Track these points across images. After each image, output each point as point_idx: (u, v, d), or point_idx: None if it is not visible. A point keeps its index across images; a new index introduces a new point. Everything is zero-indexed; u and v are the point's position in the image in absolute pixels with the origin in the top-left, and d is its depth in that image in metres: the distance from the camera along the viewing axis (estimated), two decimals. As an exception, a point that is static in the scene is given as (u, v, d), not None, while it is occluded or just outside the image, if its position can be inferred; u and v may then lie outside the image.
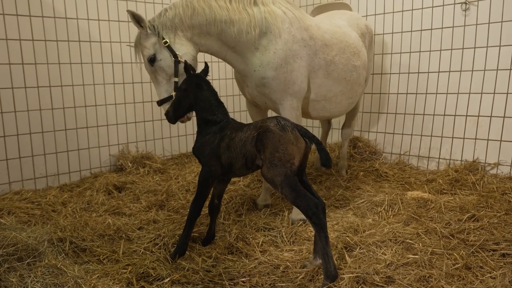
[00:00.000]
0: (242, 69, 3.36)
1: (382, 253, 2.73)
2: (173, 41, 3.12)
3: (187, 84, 2.88)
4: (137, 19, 3.08)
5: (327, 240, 2.35)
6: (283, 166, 2.37)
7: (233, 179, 4.32)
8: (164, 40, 3.08)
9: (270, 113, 4.14)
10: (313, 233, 3.09)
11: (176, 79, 3.12)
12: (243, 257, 2.80)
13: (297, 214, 3.35)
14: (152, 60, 3.11)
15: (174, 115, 2.94)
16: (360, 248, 2.82)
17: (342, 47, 3.62)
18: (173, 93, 3.09)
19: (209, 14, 3.13)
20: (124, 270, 2.58)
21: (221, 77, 5.74)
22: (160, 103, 3.17)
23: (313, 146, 2.46)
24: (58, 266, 2.46)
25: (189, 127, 5.56)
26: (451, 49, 4.35)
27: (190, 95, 2.87)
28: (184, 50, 3.14)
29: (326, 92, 3.59)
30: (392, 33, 4.79)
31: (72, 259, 2.75)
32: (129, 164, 4.78)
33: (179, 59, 3.08)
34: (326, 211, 3.08)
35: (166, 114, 2.99)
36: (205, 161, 2.78)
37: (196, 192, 2.79)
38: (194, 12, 3.12)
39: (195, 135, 2.93)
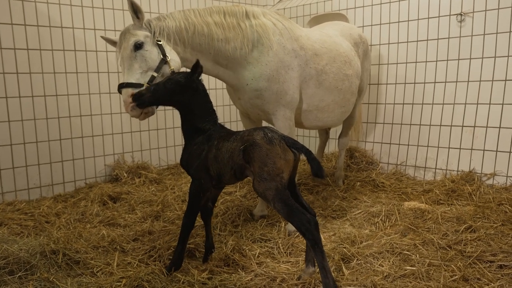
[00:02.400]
0: (235, 84, 3.35)
1: (379, 265, 2.70)
2: (165, 45, 3.01)
3: (187, 82, 2.66)
4: (135, 9, 2.93)
5: (323, 254, 2.29)
6: (273, 180, 2.33)
7: (229, 189, 4.30)
8: (157, 39, 2.98)
9: (264, 123, 4.14)
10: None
11: (155, 74, 2.92)
12: (239, 269, 2.76)
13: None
14: (137, 47, 2.90)
15: (150, 100, 2.66)
16: (357, 259, 2.80)
17: (333, 56, 3.64)
18: (145, 85, 2.87)
19: (207, 33, 3.09)
20: (118, 283, 2.53)
21: (216, 87, 5.74)
22: (125, 85, 2.89)
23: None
24: (51, 279, 2.42)
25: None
26: (447, 60, 4.37)
27: (185, 94, 2.67)
28: (173, 57, 3.03)
29: (318, 102, 3.59)
30: (389, 43, 4.82)
31: (65, 272, 2.70)
32: (125, 174, 4.75)
33: (167, 60, 2.97)
34: (323, 222, 3.05)
35: (139, 95, 2.66)
36: (194, 174, 2.69)
37: (187, 206, 2.72)
38: (195, 31, 3.07)
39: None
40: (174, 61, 3.03)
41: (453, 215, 3.43)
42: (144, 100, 2.66)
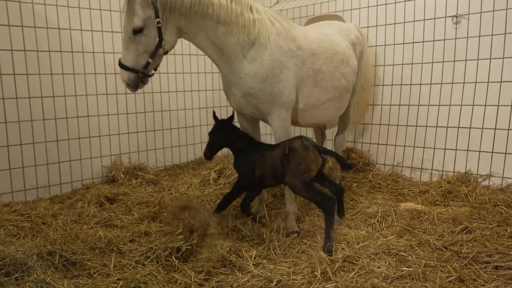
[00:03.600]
0: (228, 74, 3.32)
1: (377, 267, 2.71)
2: (165, 26, 3.05)
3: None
4: None
5: (332, 224, 2.98)
6: (303, 176, 3.05)
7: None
8: (157, 20, 2.99)
9: (262, 125, 4.15)
10: (308, 244, 3.07)
11: (151, 60, 3.09)
12: (236, 271, 2.76)
13: (291, 227, 3.34)
14: (137, 32, 2.99)
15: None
16: (354, 260, 2.81)
17: (329, 55, 3.64)
18: (140, 71, 3.08)
19: (210, 14, 3.08)
20: (115, 285, 2.53)
21: (213, 88, 5.75)
22: (123, 67, 3.08)
23: None
24: (47, 281, 2.42)
25: (182, 138, 5.54)
26: (443, 62, 4.39)
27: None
28: (169, 39, 3.10)
29: (315, 101, 3.59)
30: (385, 45, 4.83)
31: (61, 273, 2.69)
32: (122, 175, 4.74)
33: (162, 45, 3.06)
34: (319, 222, 3.08)
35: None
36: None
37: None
38: (200, 8, 3.05)
39: (187, 146, 3.00)
40: (169, 43, 3.12)
41: (449, 216, 3.44)
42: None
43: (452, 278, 2.53)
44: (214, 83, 5.81)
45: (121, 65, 3.09)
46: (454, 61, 4.30)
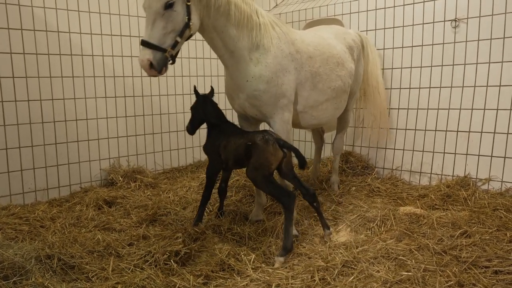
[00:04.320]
0: (236, 77, 3.36)
1: (376, 271, 2.70)
2: (192, 8, 2.97)
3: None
4: None
5: (291, 221, 3.05)
6: (261, 169, 3.06)
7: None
8: (190, 4, 2.93)
9: (263, 125, 4.15)
10: (306, 248, 3.06)
11: (179, 39, 2.94)
12: (234, 274, 2.76)
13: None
14: (168, 6, 2.84)
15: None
16: (353, 265, 2.80)
17: (325, 58, 3.70)
18: (168, 50, 2.91)
19: (231, 11, 3.10)
20: (113, 288, 2.53)
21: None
22: (146, 45, 2.88)
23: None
24: (46, 284, 2.41)
25: (181, 142, 5.53)
26: (442, 65, 4.40)
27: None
28: (195, 22, 3.01)
29: (313, 103, 3.66)
30: (384, 49, 4.84)
31: (60, 276, 2.68)
32: (120, 178, 4.73)
33: (190, 25, 2.96)
34: (318, 226, 3.07)
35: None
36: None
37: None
38: (221, 7, 3.07)
39: (186, 149, 3.03)
40: (195, 26, 3.03)
41: (448, 220, 3.44)
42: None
43: (452, 282, 2.52)
44: (213, 86, 5.80)
45: (146, 43, 2.87)
46: (453, 65, 4.31)
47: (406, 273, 2.65)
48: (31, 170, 4.34)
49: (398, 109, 4.80)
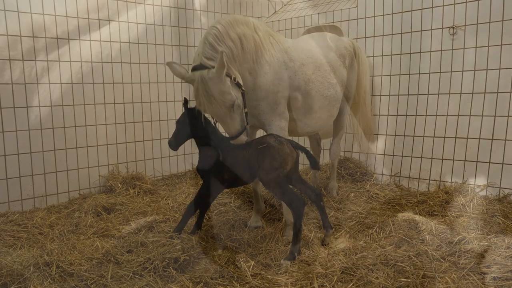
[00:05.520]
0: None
1: (375, 277, 2.70)
2: (236, 75, 3.11)
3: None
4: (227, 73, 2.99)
5: (300, 228, 3.06)
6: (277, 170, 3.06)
7: (224, 200, 4.29)
8: (233, 77, 3.06)
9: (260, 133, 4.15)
10: (306, 254, 3.06)
11: (246, 110, 3.17)
12: (234, 281, 2.75)
13: (290, 234, 3.34)
14: (234, 105, 3.04)
15: None
16: (352, 272, 2.80)
17: (318, 65, 3.76)
18: (246, 124, 3.16)
19: (242, 45, 3.21)
20: (112, 296, 2.52)
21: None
22: (238, 135, 3.13)
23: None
24: (44, 291, 2.40)
25: (180, 148, 5.52)
26: (440, 72, 4.42)
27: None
28: (239, 77, 3.16)
29: (307, 110, 3.71)
30: (382, 55, 4.87)
31: (58, 284, 2.68)
32: (119, 185, 4.73)
33: (243, 89, 3.14)
34: (318, 233, 3.07)
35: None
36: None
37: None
38: (242, 45, 3.19)
39: (185, 156, 3.00)
40: (239, 80, 3.17)
41: (447, 226, 3.44)
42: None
43: (451, 289, 2.52)
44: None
45: (238, 134, 3.12)
46: (451, 71, 4.33)
47: (405, 279, 2.65)
48: (30, 176, 4.34)
49: (397, 115, 4.82)
